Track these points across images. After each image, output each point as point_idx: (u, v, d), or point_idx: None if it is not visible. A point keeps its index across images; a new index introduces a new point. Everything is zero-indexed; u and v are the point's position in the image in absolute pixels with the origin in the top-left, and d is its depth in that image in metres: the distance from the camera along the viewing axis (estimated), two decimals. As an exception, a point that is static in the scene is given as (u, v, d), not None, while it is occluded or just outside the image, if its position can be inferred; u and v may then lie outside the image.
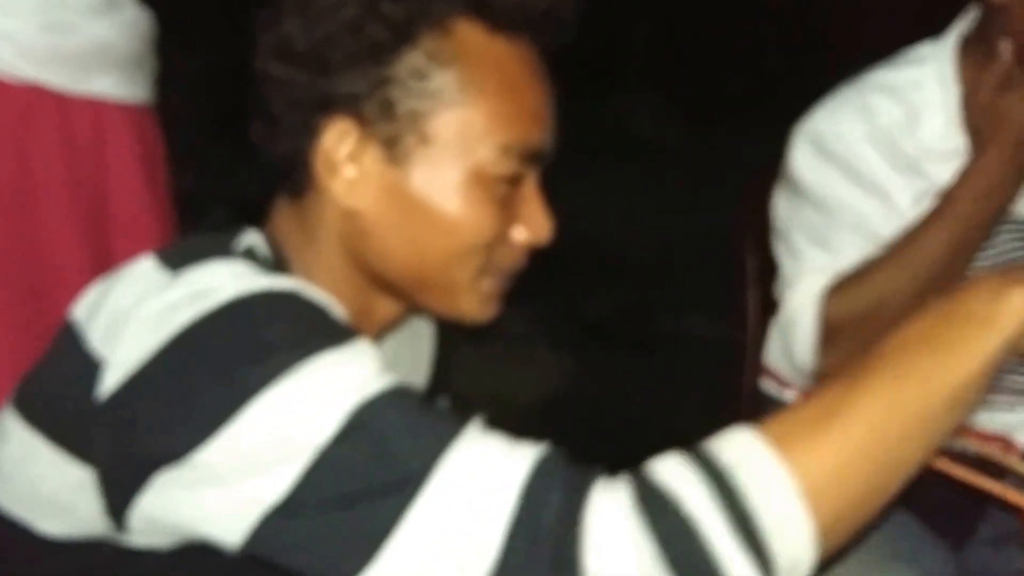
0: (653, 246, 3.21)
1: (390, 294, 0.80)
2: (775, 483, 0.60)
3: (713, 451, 0.62)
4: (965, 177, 1.11)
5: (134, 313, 0.69)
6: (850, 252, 1.17)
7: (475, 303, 0.79)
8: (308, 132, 0.75)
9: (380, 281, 0.79)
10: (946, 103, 1.15)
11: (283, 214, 0.80)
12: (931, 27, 1.20)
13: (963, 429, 1.14)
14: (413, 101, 0.74)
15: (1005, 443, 1.19)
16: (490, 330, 0.82)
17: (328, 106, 0.74)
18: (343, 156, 0.75)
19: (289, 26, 0.75)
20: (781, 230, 1.23)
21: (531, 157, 0.77)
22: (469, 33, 0.75)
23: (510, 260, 0.79)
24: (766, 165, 1.26)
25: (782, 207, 1.23)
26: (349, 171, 0.75)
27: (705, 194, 2.49)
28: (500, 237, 0.77)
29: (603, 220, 3.25)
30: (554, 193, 0.80)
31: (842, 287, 1.15)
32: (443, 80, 0.74)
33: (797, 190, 1.20)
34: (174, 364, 0.66)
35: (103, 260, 1.27)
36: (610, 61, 4.03)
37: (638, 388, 2.59)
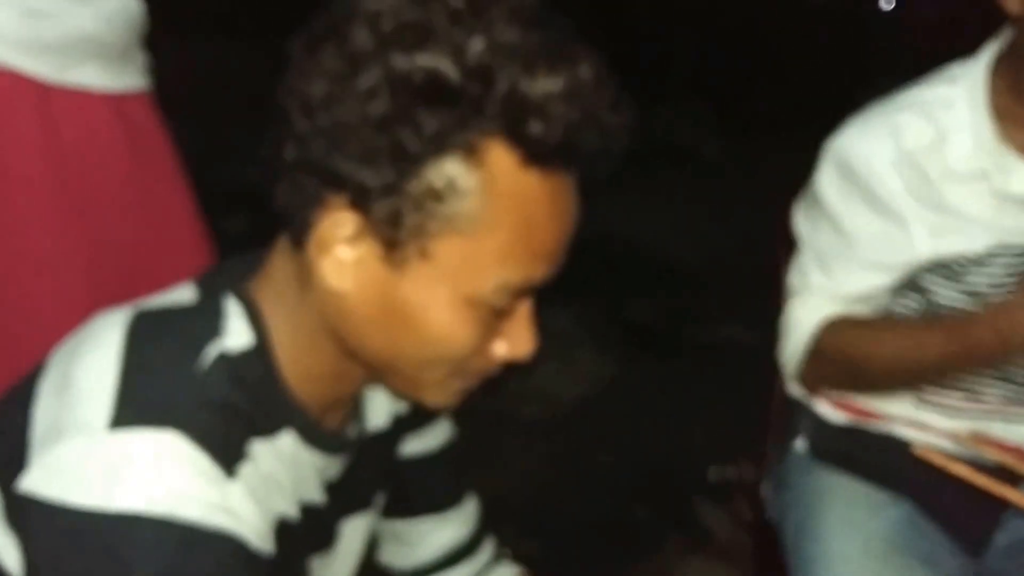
0: (695, 254, 3.25)
1: (360, 363, 0.78)
2: None
3: None
4: (989, 320, 1.11)
5: (60, 444, 0.69)
6: (852, 283, 1.20)
7: (439, 397, 0.78)
8: (312, 197, 0.70)
9: (353, 354, 0.76)
10: (975, 123, 1.14)
11: (281, 261, 0.76)
12: (966, 47, 1.20)
13: (982, 440, 1.21)
14: (423, 218, 0.69)
15: (1022, 454, 1.22)
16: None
17: (337, 184, 0.69)
18: (339, 238, 0.71)
19: (316, 87, 0.69)
20: (801, 243, 1.26)
21: (531, 290, 0.73)
22: (500, 162, 0.68)
23: (484, 367, 0.77)
24: (802, 178, 1.27)
25: (801, 221, 1.26)
26: (342, 253, 0.71)
27: (746, 204, 2.54)
28: (480, 351, 0.74)
29: (647, 227, 3.30)
30: (601, 199, 0.78)
31: (843, 329, 1.19)
32: (458, 207, 0.68)
33: (818, 208, 1.22)
34: (54, 552, 0.67)
35: (93, 253, 1.24)
36: (657, 73, 4.09)
37: (675, 391, 2.61)
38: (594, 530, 2.12)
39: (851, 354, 1.20)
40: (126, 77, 1.29)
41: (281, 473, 0.76)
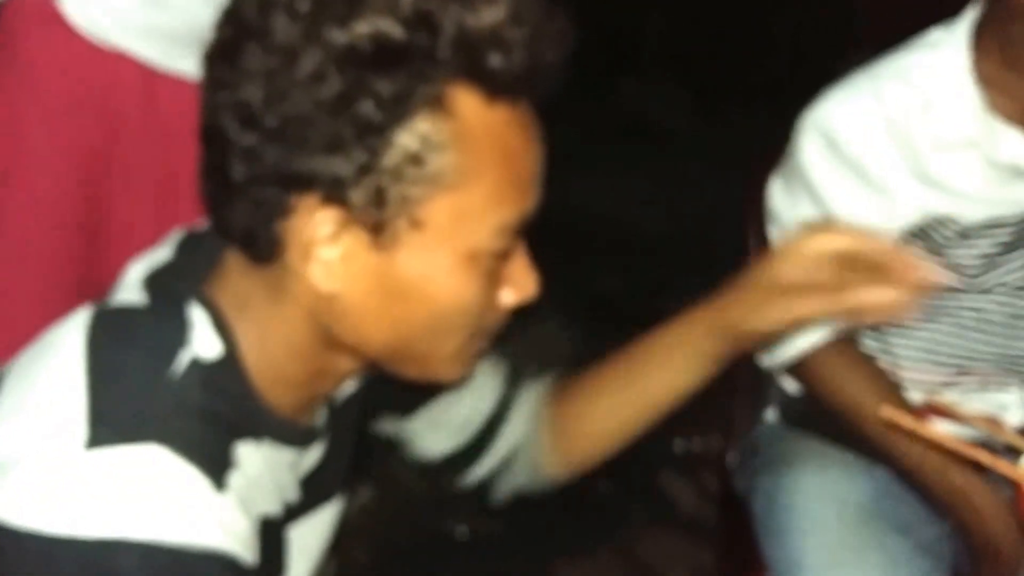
0: (663, 228, 3.24)
1: (357, 357, 0.75)
2: None
3: None
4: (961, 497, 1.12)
5: (31, 467, 0.65)
6: None
7: (454, 368, 0.76)
8: (277, 208, 0.67)
9: (350, 351, 0.74)
10: (961, 91, 1.12)
11: (239, 273, 0.72)
12: (944, 14, 1.17)
13: (992, 421, 1.20)
14: (406, 187, 0.66)
15: (994, 421, 1.21)
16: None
17: (304, 185, 0.66)
18: (321, 239, 0.67)
19: (251, 91, 0.65)
20: (777, 218, 1.24)
21: (524, 226, 0.72)
22: (468, 106, 0.66)
23: (495, 321, 0.76)
24: (771, 150, 1.26)
25: (778, 194, 1.24)
26: (327, 253, 0.67)
27: (715, 177, 2.53)
28: (489, 305, 0.73)
29: (615, 201, 3.29)
30: (569, 174, 0.78)
31: (841, 379, 1.19)
32: (440, 163, 0.66)
33: (799, 179, 1.19)
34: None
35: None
36: (625, 47, 4.06)
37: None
38: (557, 505, 2.11)
39: (840, 409, 1.20)
40: None
41: (266, 476, 0.74)
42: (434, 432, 0.93)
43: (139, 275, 0.76)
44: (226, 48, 0.67)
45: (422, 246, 0.68)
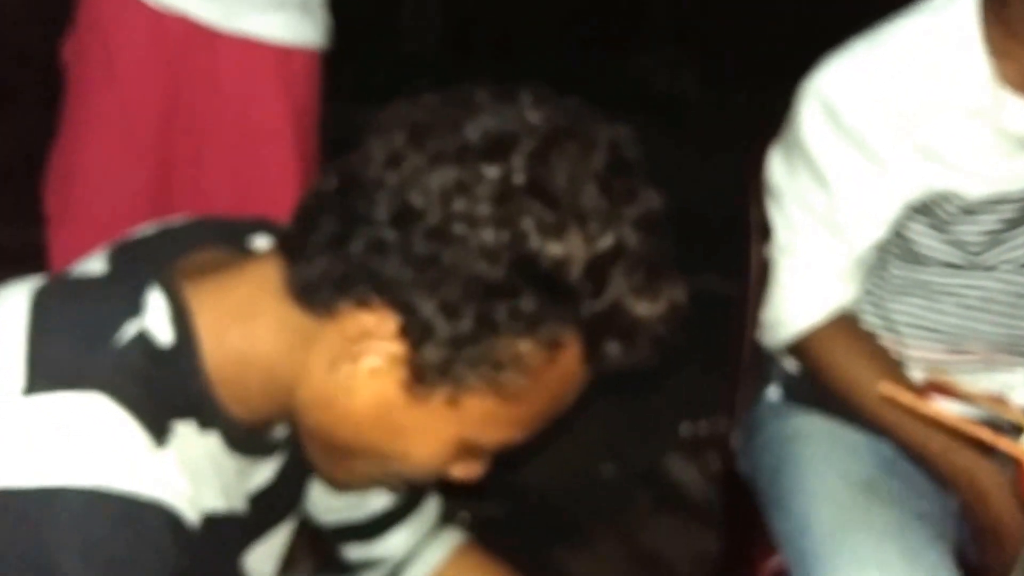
0: (668, 202, 3.25)
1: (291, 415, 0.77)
2: None
3: None
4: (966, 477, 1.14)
5: None
6: (843, 238, 1.18)
7: (353, 484, 0.81)
8: (359, 296, 0.69)
9: (296, 418, 0.76)
10: (968, 59, 1.10)
11: (270, 287, 0.73)
12: None
13: (955, 389, 1.22)
14: (470, 375, 0.69)
15: (999, 400, 1.21)
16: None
17: (397, 307, 0.68)
18: (369, 351, 0.70)
19: (425, 203, 0.66)
20: (776, 192, 1.23)
21: None
22: (567, 356, 0.70)
23: (425, 479, 0.80)
24: (775, 123, 1.25)
25: (778, 166, 1.23)
26: (364, 358, 0.70)
27: (721, 151, 2.53)
28: (439, 471, 0.77)
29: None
30: None
31: (843, 359, 1.20)
32: (511, 380, 0.69)
33: (799, 151, 1.18)
34: None
35: (243, 198, 1.34)
36: (633, 17, 4.05)
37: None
38: (561, 490, 2.13)
39: (842, 388, 1.22)
40: (297, 30, 1.37)
41: (207, 468, 0.74)
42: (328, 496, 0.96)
43: (109, 248, 0.77)
44: (427, 139, 0.68)
45: (438, 414, 0.71)
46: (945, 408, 0.97)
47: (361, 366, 0.70)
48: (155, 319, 0.71)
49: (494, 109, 0.69)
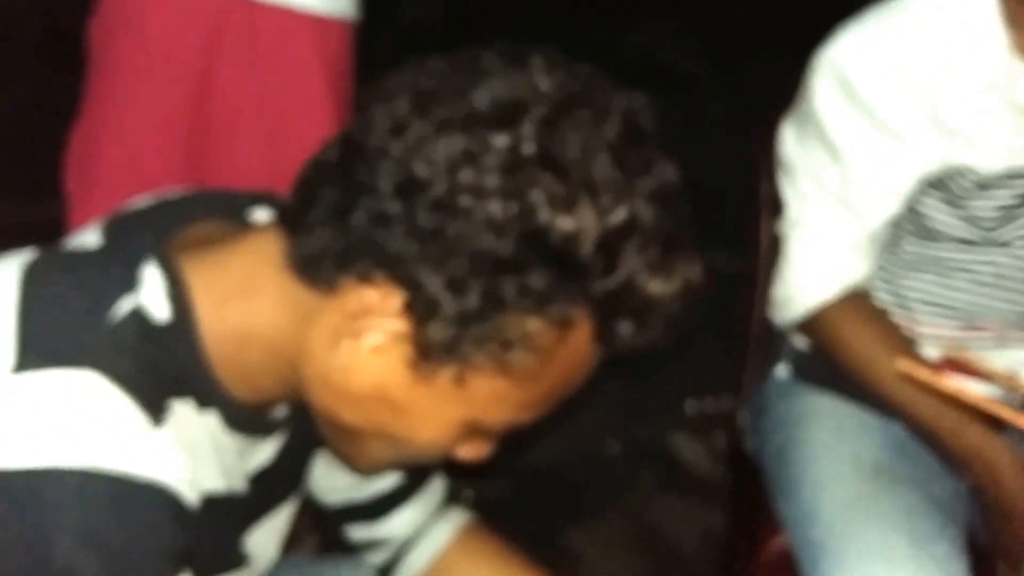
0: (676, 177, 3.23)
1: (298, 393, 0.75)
2: None
3: None
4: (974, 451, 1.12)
5: None
6: (857, 213, 1.16)
7: (368, 467, 0.79)
8: (361, 270, 0.66)
9: (300, 389, 0.73)
10: (984, 30, 1.09)
11: (266, 260, 0.71)
12: None
13: (973, 366, 1.20)
14: (477, 354, 0.66)
15: (1013, 378, 1.22)
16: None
17: (402, 282, 0.65)
18: (372, 327, 0.68)
19: (430, 172, 0.63)
20: (788, 166, 1.22)
21: None
22: (577, 335, 0.67)
23: (434, 460, 0.79)
24: (786, 98, 1.24)
25: (791, 141, 1.22)
26: (366, 335, 0.68)
27: (729, 126, 2.51)
28: (446, 451, 0.75)
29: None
30: None
31: (835, 313, 1.18)
32: (520, 359, 0.67)
33: (811, 124, 1.17)
34: None
35: (278, 172, 1.35)
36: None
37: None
38: (566, 467, 2.12)
39: (854, 366, 1.20)
40: (334, 1, 1.37)
41: (206, 447, 0.72)
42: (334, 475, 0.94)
43: (104, 220, 0.75)
44: (433, 106, 0.65)
45: (444, 394, 0.69)
46: (963, 385, 0.95)
47: (363, 343, 0.68)
48: (151, 295, 0.69)
49: (503, 74, 0.66)
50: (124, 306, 0.68)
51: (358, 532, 0.99)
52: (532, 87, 0.66)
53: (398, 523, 0.97)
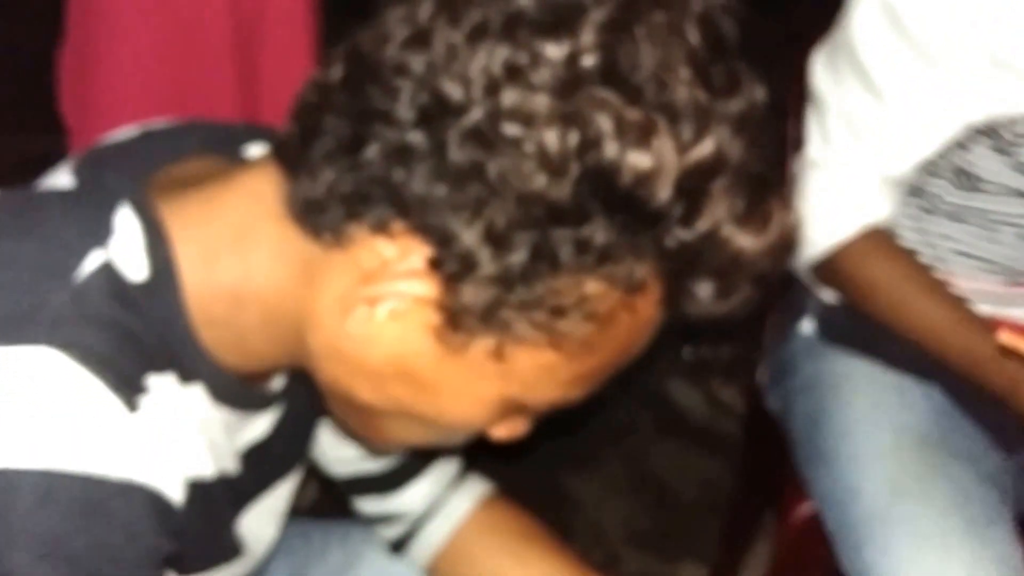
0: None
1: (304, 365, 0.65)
2: None
3: None
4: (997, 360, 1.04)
5: None
6: (885, 155, 1.09)
7: (391, 448, 0.74)
8: (374, 218, 0.55)
9: (305, 361, 0.64)
10: None
11: (265, 211, 0.60)
12: None
13: (1002, 323, 1.15)
14: (520, 322, 0.56)
15: None
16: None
17: (426, 231, 0.54)
18: (391, 292, 0.57)
19: (464, 94, 0.52)
20: (818, 99, 1.14)
21: None
22: (645, 300, 0.57)
23: (467, 440, 0.70)
24: (820, 26, 1.16)
25: (821, 71, 1.14)
26: (383, 299, 0.57)
27: (754, 58, 2.45)
28: (480, 431, 0.67)
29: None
30: None
31: (856, 251, 1.10)
32: (573, 328, 0.56)
33: (847, 55, 1.09)
34: None
35: (250, 83, 1.32)
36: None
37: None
38: (563, 414, 2.09)
39: (879, 308, 1.13)
40: None
41: (190, 428, 0.62)
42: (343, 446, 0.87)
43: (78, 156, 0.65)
44: (465, 8, 0.53)
45: (479, 368, 0.58)
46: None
47: (379, 308, 0.57)
48: (125, 247, 0.58)
49: None
50: (92, 261, 0.57)
51: (370, 506, 0.91)
52: None
53: (413, 496, 0.90)
